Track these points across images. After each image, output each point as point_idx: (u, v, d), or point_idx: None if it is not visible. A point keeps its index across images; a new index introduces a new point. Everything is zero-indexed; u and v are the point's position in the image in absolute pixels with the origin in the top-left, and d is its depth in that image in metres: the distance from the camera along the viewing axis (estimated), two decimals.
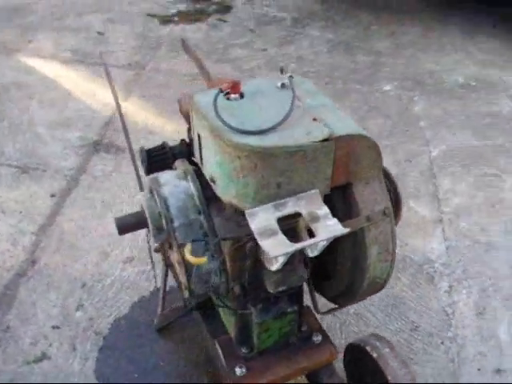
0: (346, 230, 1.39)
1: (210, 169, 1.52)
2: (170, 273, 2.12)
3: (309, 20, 4.86)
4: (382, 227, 1.59)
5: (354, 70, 4.15)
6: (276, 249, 1.33)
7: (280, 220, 1.40)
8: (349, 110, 3.56)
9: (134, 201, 2.88)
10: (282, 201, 1.43)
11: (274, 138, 1.38)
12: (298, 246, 1.34)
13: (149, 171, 1.77)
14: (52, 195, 2.96)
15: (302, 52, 4.39)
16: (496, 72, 4.24)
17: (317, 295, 1.85)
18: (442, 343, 2.33)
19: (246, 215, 1.40)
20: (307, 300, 1.82)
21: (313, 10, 5.04)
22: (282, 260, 1.38)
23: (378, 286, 1.72)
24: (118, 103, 2.06)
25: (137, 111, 3.58)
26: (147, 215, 1.59)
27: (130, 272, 2.60)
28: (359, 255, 1.60)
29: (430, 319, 2.41)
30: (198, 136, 1.54)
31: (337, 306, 1.87)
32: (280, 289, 1.58)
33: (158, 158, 1.75)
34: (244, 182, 1.42)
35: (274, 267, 1.43)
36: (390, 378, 1.87)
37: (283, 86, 1.56)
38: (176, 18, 4.82)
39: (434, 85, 4.04)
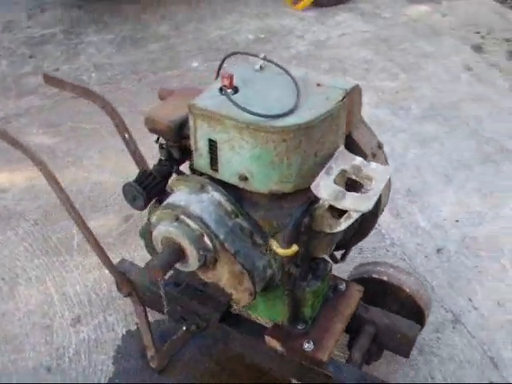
0: (389, 167, 1.53)
1: (237, 168, 1.50)
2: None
3: (80, 28, 4.65)
4: (381, 159, 1.75)
5: (155, 60, 4.15)
6: (362, 204, 1.41)
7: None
8: None
9: None
10: (327, 165, 1.50)
11: (305, 113, 1.43)
12: (377, 193, 1.43)
13: (146, 202, 1.67)
14: None
15: (95, 59, 4.22)
16: (274, 21, 4.63)
17: None
18: None
19: (312, 189, 1.44)
20: None
21: (78, 18, 4.82)
22: (356, 216, 1.46)
23: (379, 215, 1.89)
24: None
25: None
26: (186, 243, 1.52)
27: (86, 331, 2.38)
28: None
29: None
30: (211, 143, 1.50)
31: (345, 250, 2.01)
32: (331, 250, 1.66)
33: (151, 185, 1.65)
34: (288, 163, 1.45)
35: (343, 226, 1.50)
36: (408, 290, 2.10)
37: (261, 68, 1.59)
38: None
39: (232, 48, 4.26)
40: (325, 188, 1.44)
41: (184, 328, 2.04)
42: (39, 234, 2.80)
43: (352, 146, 1.67)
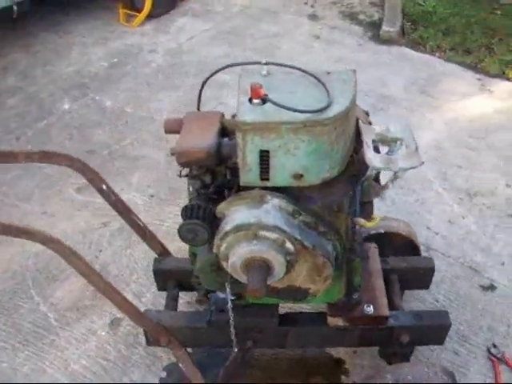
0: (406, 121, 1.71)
1: (292, 169, 1.56)
2: None
3: None
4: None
5: (22, 114, 3.86)
6: (414, 160, 1.58)
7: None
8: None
9: None
10: (364, 140, 1.63)
11: (341, 99, 1.53)
12: (416, 146, 1.61)
13: (210, 234, 1.64)
14: None
15: None
16: (118, 43, 4.55)
17: None
18: None
19: (369, 163, 1.56)
20: None
21: None
22: (402, 175, 1.62)
23: None
24: None
25: None
26: (272, 254, 1.56)
27: None
28: None
29: None
30: (262, 154, 1.54)
31: None
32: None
33: (207, 216, 1.63)
34: (336, 149, 1.56)
35: (390, 188, 1.67)
36: (404, 234, 2.34)
37: (269, 73, 1.65)
38: None
39: (93, 79, 4.12)
40: (375, 159, 1.58)
41: (236, 349, 2.03)
42: (7, 327, 2.52)
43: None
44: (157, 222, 2.93)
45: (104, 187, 2.05)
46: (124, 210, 2.13)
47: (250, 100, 1.55)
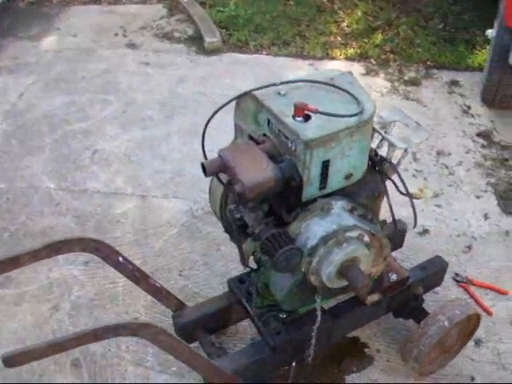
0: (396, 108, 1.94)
1: (345, 171, 1.71)
2: None
3: None
4: None
5: None
6: (422, 134, 1.86)
7: None
8: None
9: None
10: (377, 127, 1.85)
11: (364, 100, 1.72)
12: (415, 123, 1.88)
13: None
14: None
15: None
16: None
17: None
18: None
19: (395, 145, 1.78)
20: None
21: None
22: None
23: None
24: None
25: None
26: (361, 251, 1.71)
27: None
28: None
29: None
30: (324, 164, 1.64)
31: None
32: None
33: (288, 240, 1.66)
34: (370, 143, 1.76)
35: (402, 163, 1.92)
36: None
37: (286, 92, 1.75)
38: None
39: None
40: (397, 141, 1.81)
41: (294, 363, 2.10)
42: None
43: None
44: (110, 286, 2.76)
45: (120, 259, 1.93)
46: (142, 277, 2.03)
47: (294, 117, 1.64)
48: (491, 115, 3.86)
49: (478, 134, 3.73)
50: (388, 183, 1.91)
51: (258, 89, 1.75)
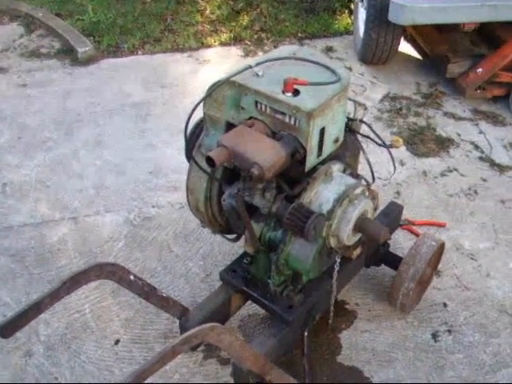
0: None
1: (334, 136, 1.81)
2: None
3: None
4: None
5: None
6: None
7: None
8: None
9: None
10: None
11: (340, 69, 1.83)
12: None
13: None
14: None
15: None
16: None
17: None
18: None
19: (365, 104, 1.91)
20: None
21: None
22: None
23: None
24: None
25: None
26: (369, 204, 1.85)
27: None
28: None
29: None
30: (321, 132, 1.73)
31: None
32: None
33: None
34: None
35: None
36: None
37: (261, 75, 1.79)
38: None
39: None
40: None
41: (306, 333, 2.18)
42: None
43: None
44: (77, 315, 2.61)
45: (132, 278, 1.87)
46: (150, 290, 1.98)
47: (283, 93, 1.70)
48: (372, 72, 4.17)
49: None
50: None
51: (234, 75, 1.78)
